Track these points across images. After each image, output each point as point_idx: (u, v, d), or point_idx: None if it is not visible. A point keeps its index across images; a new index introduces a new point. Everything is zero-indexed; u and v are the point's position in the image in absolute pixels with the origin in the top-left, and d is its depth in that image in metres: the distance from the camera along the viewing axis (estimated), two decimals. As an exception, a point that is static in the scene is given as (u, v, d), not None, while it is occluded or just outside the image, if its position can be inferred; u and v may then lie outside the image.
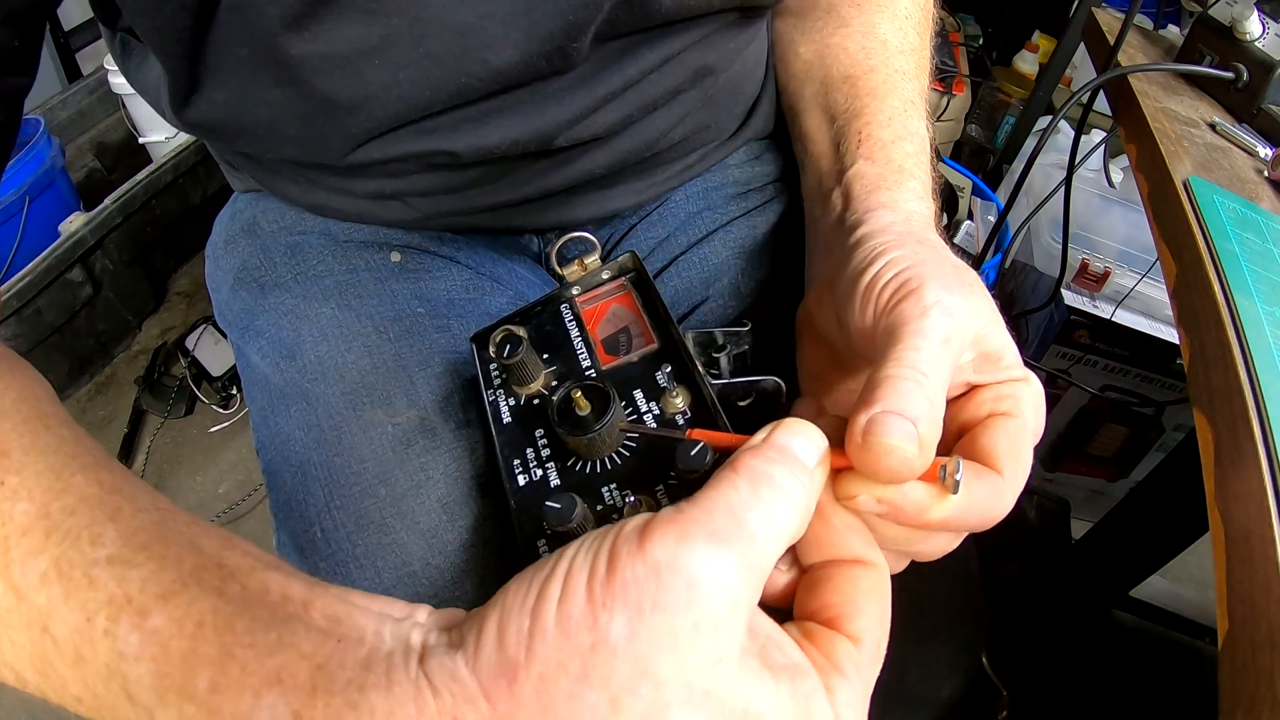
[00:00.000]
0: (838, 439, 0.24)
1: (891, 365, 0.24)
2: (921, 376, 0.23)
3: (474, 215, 0.44)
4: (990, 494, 0.24)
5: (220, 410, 1.22)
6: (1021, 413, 0.26)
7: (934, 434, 0.23)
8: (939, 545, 0.26)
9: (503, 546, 0.38)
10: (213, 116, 0.36)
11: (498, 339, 0.32)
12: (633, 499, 0.28)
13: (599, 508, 0.28)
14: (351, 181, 0.41)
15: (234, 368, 1.22)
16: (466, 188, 0.41)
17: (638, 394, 0.31)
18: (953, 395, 0.27)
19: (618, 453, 0.30)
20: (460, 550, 0.38)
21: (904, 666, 0.41)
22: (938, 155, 0.40)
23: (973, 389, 0.27)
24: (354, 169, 0.39)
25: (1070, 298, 0.98)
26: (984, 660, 0.55)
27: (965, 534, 0.26)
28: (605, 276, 0.36)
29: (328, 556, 0.39)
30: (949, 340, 0.25)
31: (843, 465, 0.24)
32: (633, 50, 0.36)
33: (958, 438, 0.27)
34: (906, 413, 0.23)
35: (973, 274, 0.28)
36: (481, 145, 0.36)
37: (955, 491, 0.23)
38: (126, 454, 1.17)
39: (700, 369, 0.30)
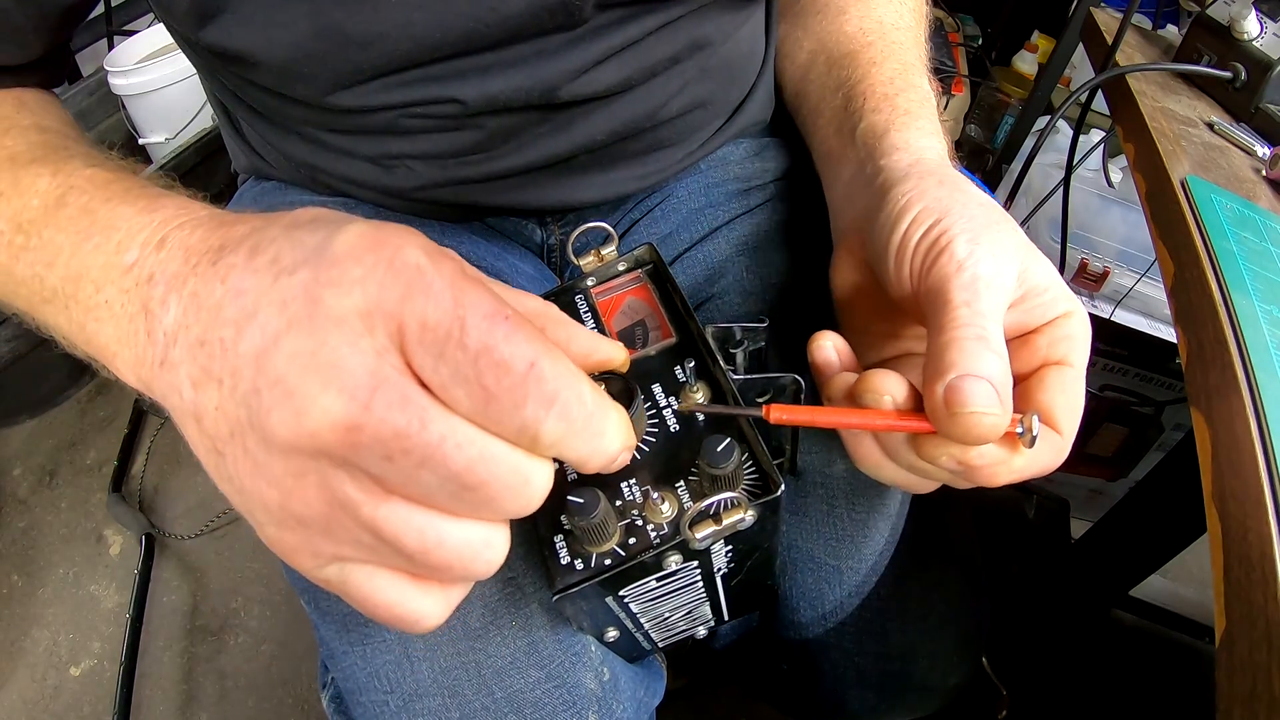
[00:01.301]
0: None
1: (950, 329, 0.25)
2: (981, 331, 0.25)
3: (476, 186, 0.44)
4: (1050, 450, 0.26)
5: (220, 411, 1.23)
6: (1076, 358, 0.27)
7: (1009, 388, 0.25)
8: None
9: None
10: (229, 43, 0.35)
11: None
12: (655, 495, 0.27)
13: (618, 503, 0.28)
14: (356, 141, 0.41)
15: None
16: (469, 151, 0.41)
17: (656, 388, 0.31)
18: (1007, 339, 0.28)
19: (637, 447, 0.29)
20: (459, 550, 0.38)
21: (913, 657, 0.41)
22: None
23: (1026, 334, 0.28)
24: (357, 115, 0.39)
25: (1069, 297, 0.98)
26: (984, 660, 0.55)
27: None
28: (621, 268, 0.36)
29: (327, 554, 0.39)
30: (991, 286, 0.26)
31: (922, 429, 0.26)
32: (633, 16, 0.38)
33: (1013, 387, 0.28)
34: (979, 372, 0.24)
35: (999, 209, 0.29)
36: (488, 92, 0.37)
37: (1030, 446, 0.25)
38: (127, 454, 1.17)
39: (722, 365, 0.30)
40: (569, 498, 0.26)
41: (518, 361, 0.18)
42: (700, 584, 0.32)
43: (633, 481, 0.29)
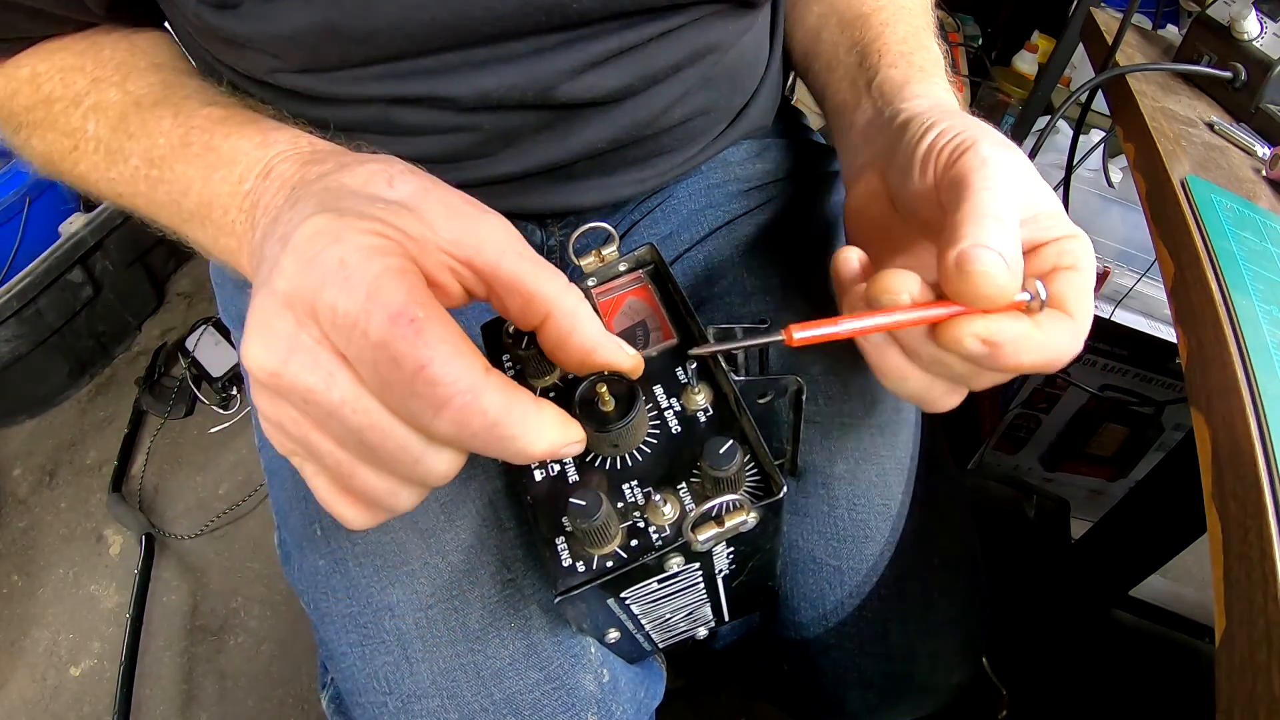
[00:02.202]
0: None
1: (966, 207, 0.26)
2: (999, 212, 0.26)
3: (475, 191, 0.43)
4: (1067, 333, 0.28)
5: (220, 411, 1.23)
6: (1083, 266, 0.29)
7: (1018, 262, 0.26)
8: (998, 378, 0.30)
9: (501, 549, 0.38)
10: (225, 27, 0.36)
11: (511, 330, 0.30)
12: (657, 496, 0.27)
13: (619, 505, 0.28)
14: (353, 141, 0.41)
15: (234, 368, 1.22)
16: (467, 156, 0.41)
17: (658, 389, 0.31)
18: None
19: (639, 449, 0.29)
20: (459, 551, 0.38)
21: (914, 658, 0.41)
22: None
23: (1036, 247, 0.30)
24: (349, 105, 0.39)
25: (1069, 297, 0.98)
26: (984, 660, 0.55)
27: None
28: (622, 269, 0.35)
29: (327, 555, 0.39)
30: (1010, 184, 0.27)
31: (940, 317, 0.26)
32: (633, 23, 0.38)
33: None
34: (992, 244, 0.25)
35: (1014, 144, 0.31)
36: (481, 88, 0.37)
37: (1040, 310, 0.27)
38: (127, 454, 1.17)
39: (724, 366, 0.30)
40: (570, 500, 0.26)
41: (408, 361, 0.21)
42: (701, 585, 0.32)
43: (634, 483, 0.29)
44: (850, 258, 0.30)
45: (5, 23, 0.36)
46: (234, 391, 1.23)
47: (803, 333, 0.25)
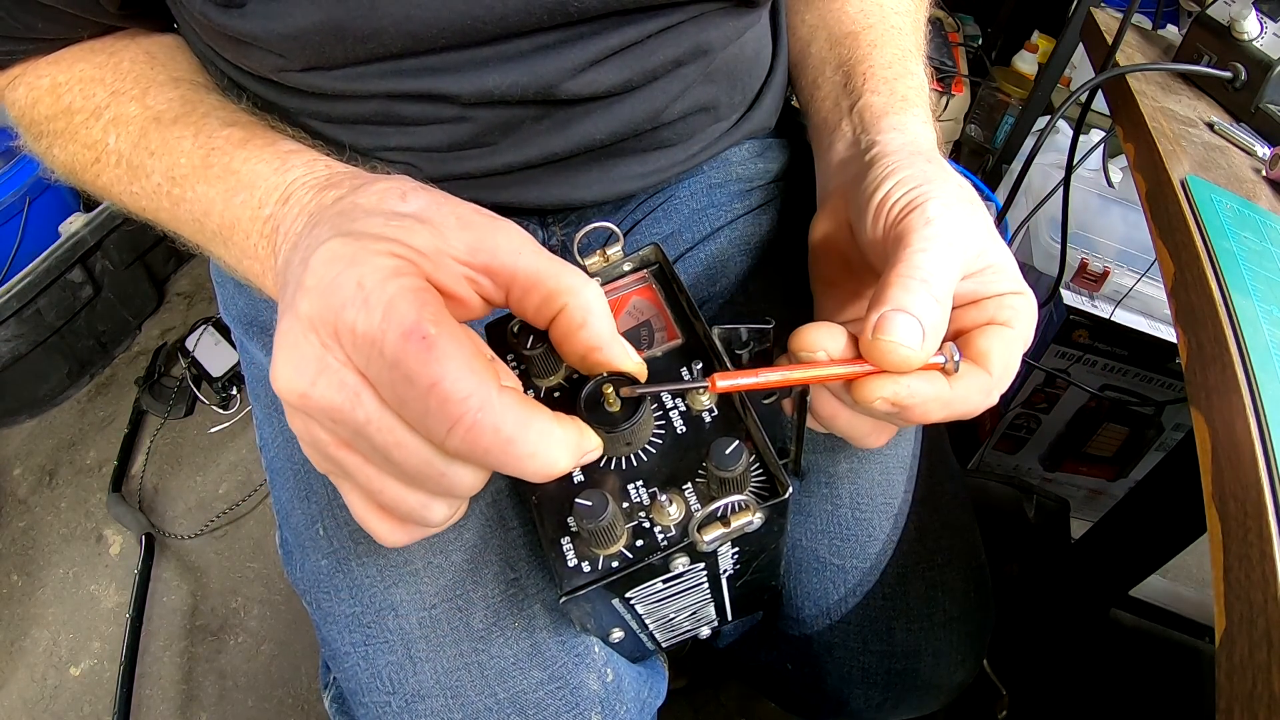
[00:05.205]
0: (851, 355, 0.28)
1: (899, 268, 0.27)
2: (926, 275, 0.27)
3: (476, 182, 0.44)
4: (977, 389, 0.28)
5: (220, 411, 1.22)
6: (1018, 325, 0.29)
7: (937, 327, 0.27)
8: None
9: (505, 549, 0.38)
10: (230, 25, 0.36)
11: (516, 329, 0.30)
12: (662, 497, 0.27)
13: (625, 505, 0.28)
14: (355, 133, 0.41)
15: (234, 368, 1.22)
16: (467, 145, 0.41)
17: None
18: (960, 304, 0.30)
19: (644, 449, 0.29)
20: (462, 550, 0.38)
21: (917, 655, 0.42)
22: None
23: (979, 299, 0.30)
24: (351, 100, 0.39)
25: (1069, 297, 0.98)
26: (984, 660, 0.55)
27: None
28: (627, 268, 0.35)
29: (330, 554, 0.39)
30: (951, 245, 0.28)
31: (852, 375, 0.27)
32: (633, 20, 0.38)
33: (957, 338, 0.30)
34: (911, 310, 0.26)
35: (973, 193, 0.32)
36: (483, 86, 0.37)
37: (955, 371, 0.28)
38: (127, 454, 1.17)
39: (729, 366, 0.30)
40: (577, 500, 0.26)
41: (420, 379, 0.22)
42: (706, 585, 0.32)
43: (640, 484, 0.29)
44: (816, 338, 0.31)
45: (24, 24, 0.36)
46: (234, 391, 1.23)
47: (725, 381, 0.27)
